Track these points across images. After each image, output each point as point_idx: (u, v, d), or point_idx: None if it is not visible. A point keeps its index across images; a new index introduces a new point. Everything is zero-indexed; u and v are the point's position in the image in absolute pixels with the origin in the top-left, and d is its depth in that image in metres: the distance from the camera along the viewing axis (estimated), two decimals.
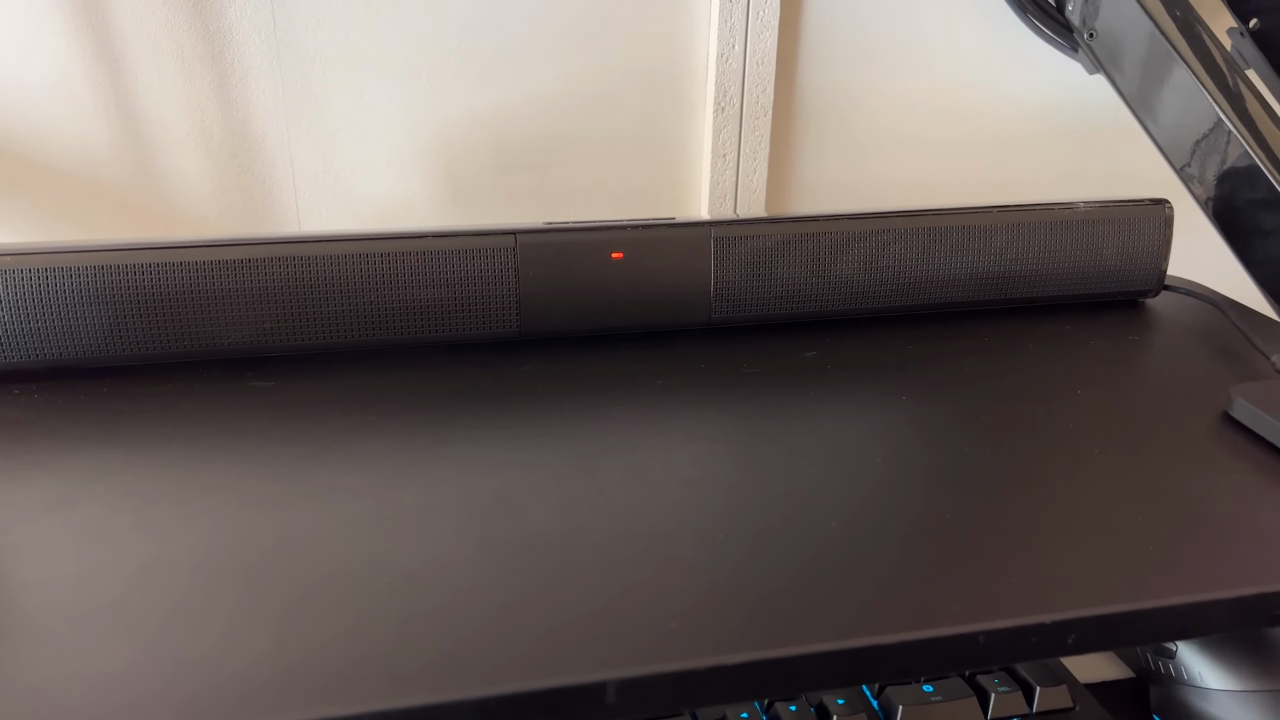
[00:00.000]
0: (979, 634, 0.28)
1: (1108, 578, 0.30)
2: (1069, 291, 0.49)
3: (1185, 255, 0.62)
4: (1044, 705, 0.40)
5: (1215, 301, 0.50)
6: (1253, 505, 0.34)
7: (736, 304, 0.46)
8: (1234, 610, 0.30)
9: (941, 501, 0.34)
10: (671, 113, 0.61)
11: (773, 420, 0.39)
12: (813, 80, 0.62)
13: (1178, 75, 0.54)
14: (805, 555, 0.31)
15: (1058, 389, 0.42)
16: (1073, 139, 0.67)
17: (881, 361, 0.44)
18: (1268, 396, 0.38)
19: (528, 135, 0.59)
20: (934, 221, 0.47)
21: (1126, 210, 0.49)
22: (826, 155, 0.65)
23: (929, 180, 0.66)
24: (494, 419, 0.38)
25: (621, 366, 0.43)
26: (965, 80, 0.64)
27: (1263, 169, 0.51)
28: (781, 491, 0.34)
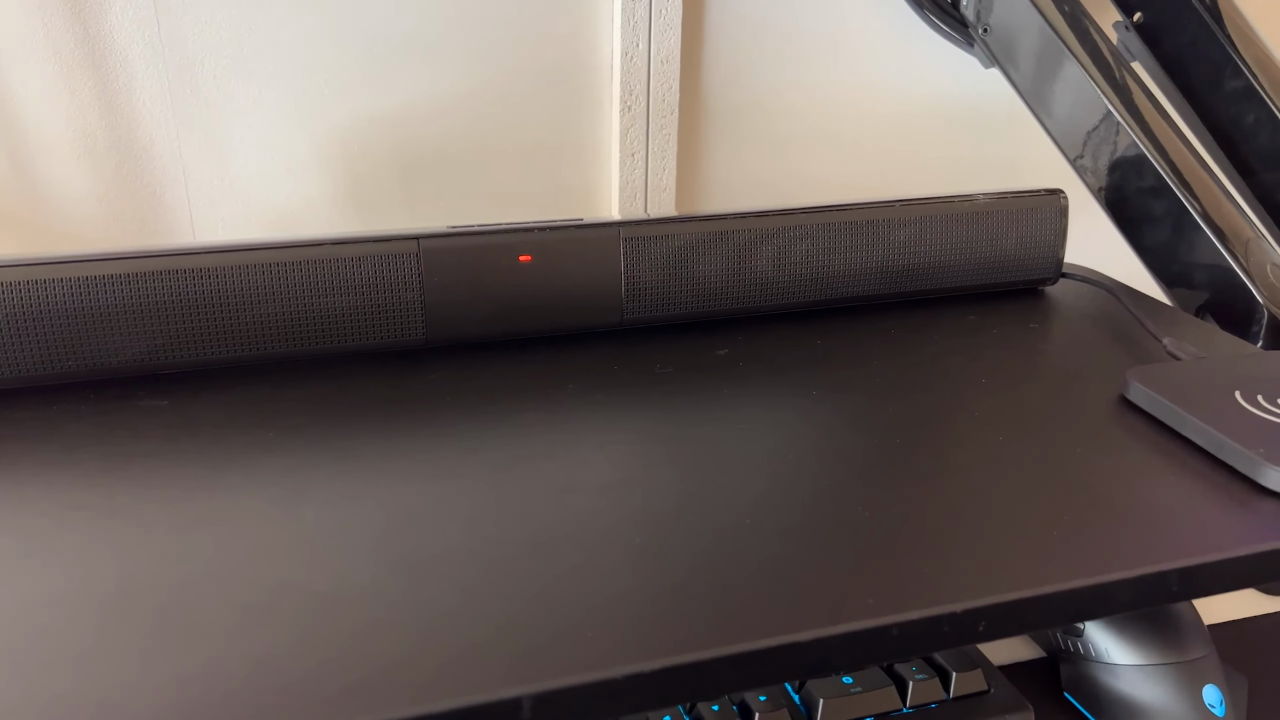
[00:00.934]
0: (892, 627, 0.29)
1: (1015, 564, 0.31)
2: (972, 282, 0.50)
3: (1082, 243, 0.64)
4: (960, 690, 0.41)
5: (1110, 288, 0.51)
6: (1149, 485, 0.35)
7: (648, 304, 0.46)
8: (1135, 589, 0.31)
9: (853, 495, 0.34)
10: (578, 112, 0.60)
11: (687, 420, 0.39)
12: (718, 78, 0.63)
13: (1068, 69, 0.55)
14: (721, 556, 0.31)
15: (962, 378, 0.43)
16: (972, 131, 0.69)
17: (793, 357, 0.44)
18: (1161, 379, 0.40)
19: (431, 137, 0.58)
20: (840, 217, 0.48)
21: (1024, 201, 0.50)
22: (735, 152, 0.65)
23: (835, 175, 0.67)
24: (402, 431, 0.37)
25: (533, 371, 0.42)
26: (867, 75, 0.65)
27: (1150, 158, 0.53)
28: (697, 492, 0.34)
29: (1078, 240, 0.64)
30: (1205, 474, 0.36)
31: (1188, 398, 0.38)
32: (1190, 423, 0.37)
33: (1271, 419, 0.37)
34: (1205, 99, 0.61)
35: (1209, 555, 0.32)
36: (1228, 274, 0.51)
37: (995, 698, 0.41)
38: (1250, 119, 0.60)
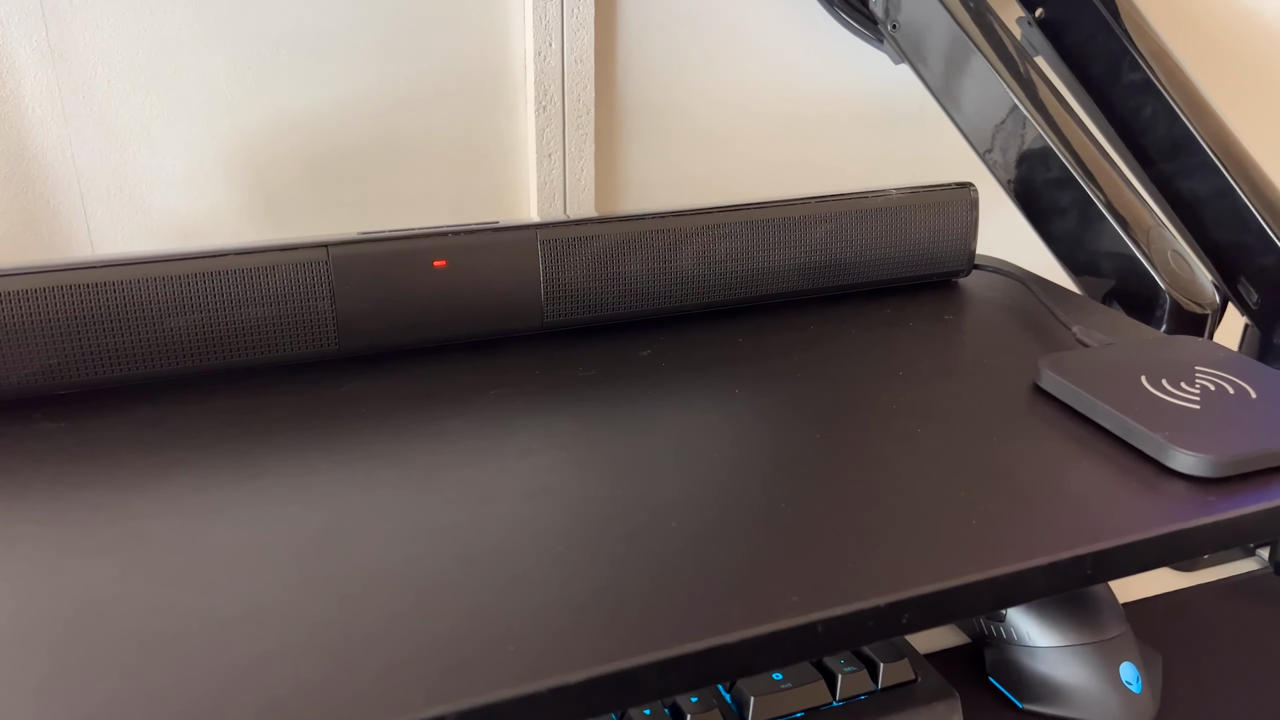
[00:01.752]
0: (818, 623, 0.29)
1: (936, 555, 0.31)
2: (887, 276, 0.51)
3: (994, 235, 0.65)
4: (888, 680, 0.41)
5: (1021, 278, 0.52)
6: (1062, 471, 0.36)
7: (569, 306, 0.45)
8: (1052, 575, 0.32)
9: (777, 492, 0.34)
10: (492, 113, 0.59)
11: (611, 423, 0.38)
12: (634, 77, 0.62)
13: (974, 65, 0.57)
14: (647, 561, 0.30)
15: (881, 371, 0.43)
16: (884, 126, 0.70)
17: (715, 356, 0.44)
18: (1071, 366, 0.41)
19: (340, 141, 0.57)
20: (759, 215, 0.48)
21: (935, 195, 0.51)
22: (653, 151, 0.65)
23: (752, 172, 0.67)
24: (315, 445, 0.36)
25: (452, 379, 0.41)
26: (781, 72, 0.66)
27: (1055, 150, 0.54)
28: (622, 497, 0.34)
29: (990, 232, 0.65)
30: (1115, 458, 0.36)
31: (1096, 384, 0.39)
32: (1100, 408, 0.38)
33: (1176, 402, 0.38)
34: (1105, 92, 0.63)
35: (1121, 538, 0.32)
36: (1131, 262, 0.52)
37: (922, 687, 0.41)
38: (1148, 111, 0.61)
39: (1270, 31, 0.77)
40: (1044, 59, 0.65)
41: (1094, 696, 0.44)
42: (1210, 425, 0.36)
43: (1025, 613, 0.45)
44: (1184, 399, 0.38)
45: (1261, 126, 0.69)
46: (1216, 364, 0.41)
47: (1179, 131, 0.60)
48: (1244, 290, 0.62)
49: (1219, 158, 0.60)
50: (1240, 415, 0.37)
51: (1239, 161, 0.60)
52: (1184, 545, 0.34)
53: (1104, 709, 0.43)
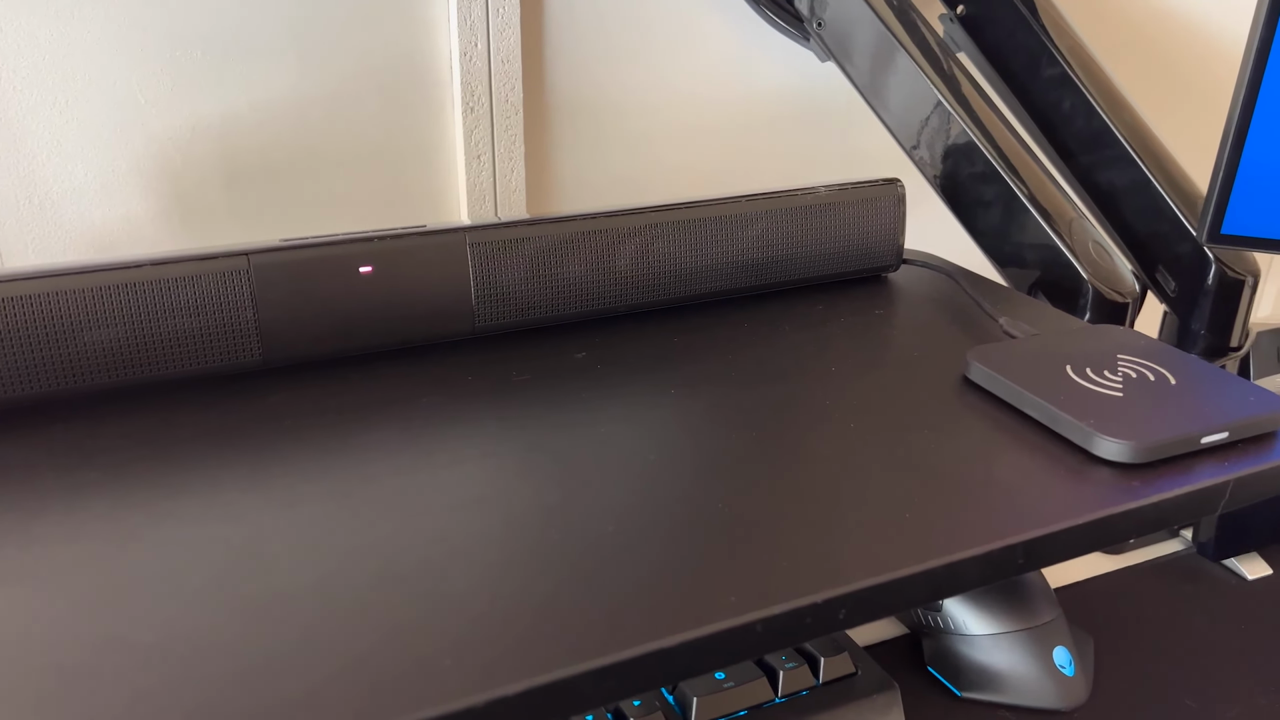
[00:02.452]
0: (756, 623, 0.29)
1: (871, 549, 0.31)
2: (819, 272, 0.51)
3: (923, 230, 0.66)
4: (830, 674, 0.42)
5: (948, 271, 0.53)
6: (992, 462, 0.36)
7: (501, 310, 0.44)
8: (985, 565, 0.32)
9: (713, 492, 0.34)
10: (418, 115, 0.58)
11: (546, 428, 0.38)
12: (563, 77, 0.62)
13: (900, 62, 0.57)
14: (583, 567, 0.30)
15: (814, 368, 0.43)
16: (811, 123, 0.71)
17: (650, 356, 0.44)
18: (998, 358, 0.41)
19: (261, 145, 0.55)
20: (691, 215, 0.48)
21: (864, 191, 0.51)
22: (584, 151, 0.64)
23: (682, 171, 0.67)
24: (238, 460, 0.35)
25: (381, 388, 0.40)
26: (709, 71, 0.66)
27: (979, 145, 0.55)
28: (557, 503, 0.33)
29: (919, 227, 0.66)
30: (1043, 447, 0.37)
31: (1023, 375, 0.40)
32: (1027, 399, 0.39)
33: (1100, 390, 0.39)
34: (1026, 86, 0.64)
35: (1050, 526, 0.33)
36: (1054, 253, 0.53)
37: (863, 679, 0.42)
38: (1067, 105, 0.63)
39: (1181, 26, 0.79)
40: (966, 55, 0.66)
41: (1029, 682, 0.44)
42: (1133, 412, 0.37)
43: (961, 602, 0.45)
44: (1107, 387, 0.39)
45: (1175, 119, 0.71)
46: (1137, 352, 0.42)
47: (1097, 125, 0.62)
48: (1162, 278, 0.63)
49: (1135, 150, 0.61)
50: (1161, 401, 0.38)
51: (1154, 154, 0.62)
52: (1111, 531, 0.34)
53: (1039, 693, 0.44)
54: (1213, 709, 0.46)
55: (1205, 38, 0.80)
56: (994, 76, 0.65)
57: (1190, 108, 0.80)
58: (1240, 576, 0.56)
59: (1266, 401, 0.38)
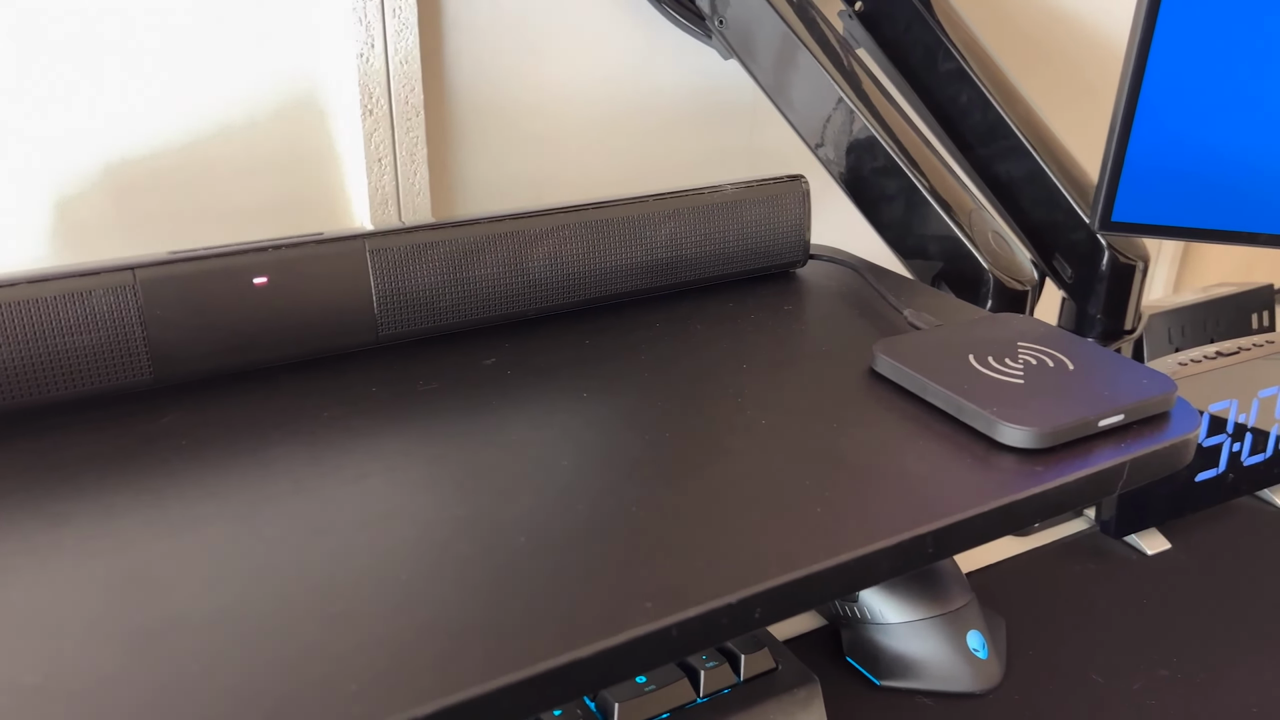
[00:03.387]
0: (672, 628, 0.28)
1: (784, 546, 0.31)
2: (728, 270, 0.51)
3: (830, 224, 0.67)
4: (750, 671, 0.42)
5: (854, 265, 0.54)
6: (900, 453, 0.37)
7: (405, 318, 0.43)
8: (896, 556, 0.32)
9: (628, 496, 0.34)
10: (315, 119, 0.57)
11: (454, 438, 0.37)
12: (464, 77, 0.61)
13: (801, 60, 0.58)
14: (495, 580, 0.29)
15: (725, 365, 0.43)
16: (717, 120, 0.71)
17: (562, 359, 0.44)
18: (903, 349, 0.42)
19: (148, 153, 0.53)
20: (598, 215, 0.47)
21: (769, 189, 0.51)
22: (489, 152, 0.63)
23: (589, 171, 0.67)
24: (129, 484, 0.33)
25: (280, 403, 0.39)
26: (615, 70, 0.65)
27: (881, 141, 0.56)
28: (467, 515, 0.32)
29: (827, 222, 0.67)
30: (949, 436, 0.38)
31: (928, 365, 0.40)
32: (932, 389, 0.39)
33: (1002, 378, 0.39)
34: (923, 81, 0.65)
35: (958, 515, 0.33)
36: (956, 244, 0.54)
37: (783, 674, 0.42)
38: (964, 98, 0.64)
39: (1069, 20, 0.82)
40: (865, 51, 0.67)
41: (944, 667, 0.45)
42: (1034, 398, 0.38)
43: (877, 592, 0.46)
44: (1009, 375, 0.40)
45: (1066, 111, 0.73)
46: (1037, 339, 0.43)
47: (992, 117, 0.63)
48: (1059, 266, 0.65)
49: (1030, 142, 0.63)
50: (1060, 387, 0.39)
51: (1048, 145, 0.64)
52: (1016, 516, 0.35)
53: (954, 678, 0.45)
54: (1118, 683, 0.48)
55: (1092, 31, 0.83)
56: (893, 72, 0.66)
57: (1080, 99, 0.83)
58: (1141, 552, 0.58)
59: (1158, 383, 0.39)
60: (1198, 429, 0.39)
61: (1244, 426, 0.59)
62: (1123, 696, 0.47)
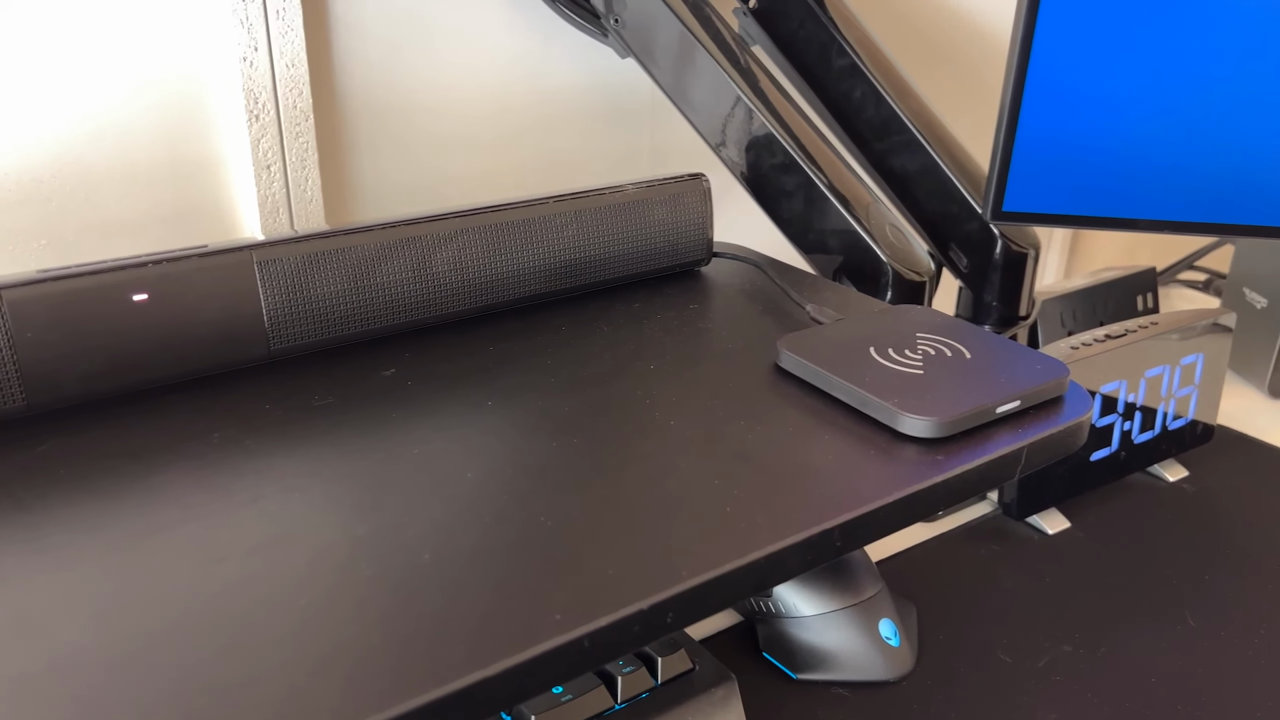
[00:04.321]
0: (583, 639, 0.28)
1: (694, 548, 0.31)
2: (632, 270, 0.51)
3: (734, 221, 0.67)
4: (668, 673, 0.41)
5: (757, 262, 0.54)
6: (806, 449, 0.37)
7: (298, 331, 0.42)
8: (804, 551, 0.33)
9: (536, 506, 0.33)
10: (198, 126, 0.54)
11: (353, 454, 0.36)
12: (356, 79, 0.59)
13: (699, 59, 0.58)
14: (399, 600, 0.28)
15: (633, 367, 0.43)
16: (618, 119, 0.70)
17: (464, 368, 0.43)
18: (806, 345, 0.42)
19: (17, 165, 0.50)
20: (497, 218, 0.46)
21: (670, 188, 0.51)
22: (384, 156, 0.62)
23: (489, 173, 0.66)
24: (3, 521, 0.31)
25: (167, 425, 0.37)
26: (511, 70, 0.64)
27: (779, 137, 0.56)
28: (369, 535, 0.31)
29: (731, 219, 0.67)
30: (853, 429, 0.38)
31: (830, 359, 0.41)
32: (835, 382, 0.40)
33: (902, 369, 0.40)
34: (818, 77, 0.66)
35: (864, 507, 0.34)
36: (855, 238, 0.55)
37: (700, 674, 0.42)
38: (858, 94, 0.65)
39: (960, 16, 0.84)
40: (761, 48, 0.67)
41: (858, 657, 0.46)
42: (933, 388, 0.39)
43: (790, 585, 0.46)
44: (909, 366, 0.40)
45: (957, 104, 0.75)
46: (934, 329, 0.44)
47: (886, 112, 0.64)
48: (955, 256, 0.67)
49: (923, 135, 0.64)
50: (958, 376, 0.40)
51: (940, 138, 0.65)
52: (920, 506, 0.35)
53: (868, 667, 0.46)
54: (1025, 662, 0.49)
55: (981, 26, 0.85)
56: (788, 68, 0.67)
57: (970, 94, 0.85)
58: (1042, 532, 0.60)
59: (1052, 369, 0.40)
60: (1090, 411, 0.40)
61: (1133, 406, 0.62)
62: (1030, 674, 0.48)
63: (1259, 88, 0.60)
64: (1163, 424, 0.64)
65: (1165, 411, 0.64)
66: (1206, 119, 0.61)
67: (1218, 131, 0.61)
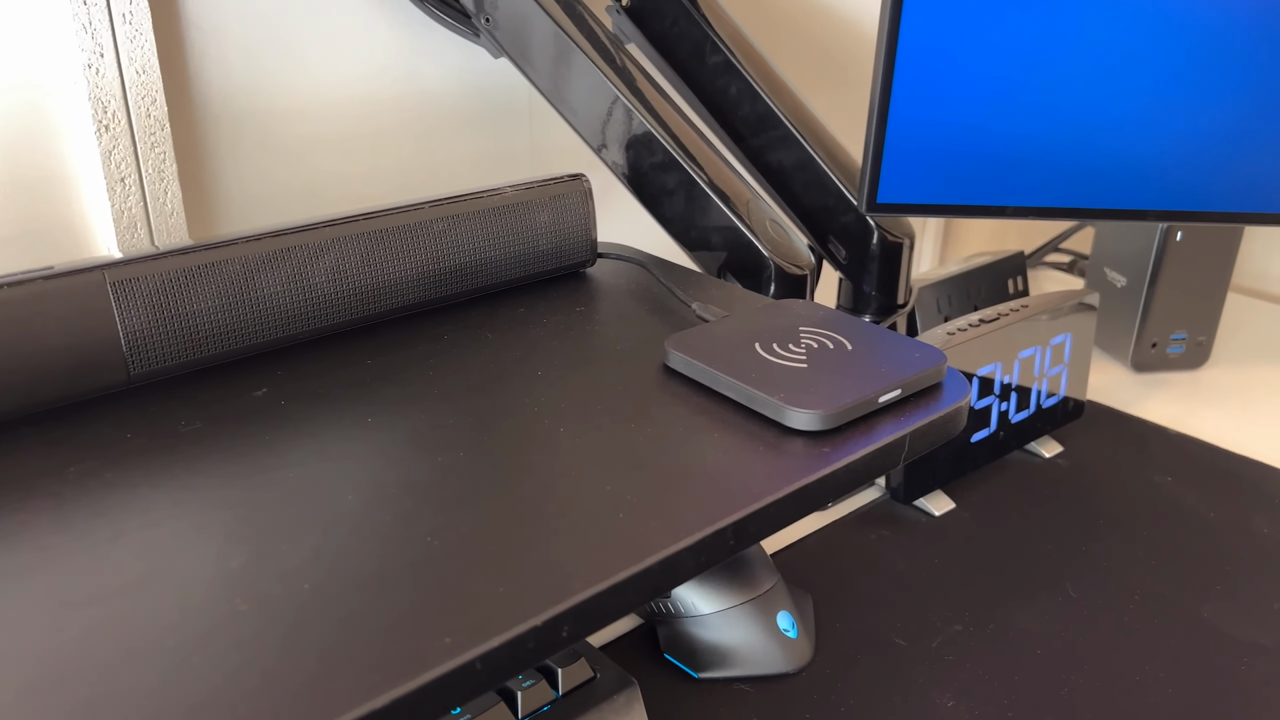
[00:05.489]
0: (475, 661, 0.27)
1: (588, 557, 0.31)
2: (516, 274, 0.50)
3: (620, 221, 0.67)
4: (568, 684, 0.41)
5: (641, 261, 0.54)
6: (697, 448, 0.37)
7: (160, 353, 0.40)
8: (698, 553, 0.32)
9: (422, 525, 0.32)
10: (41, 138, 0.51)
11: (225, 481, 0.34)
12: (215, 85, 0.56)
13: (575, 59, 0.57)
14: (279, 635, 0.27)
15: (519, 373, 0.42)
16: (494, 121, 0.69)
17: (343, 383, 0.41)
18: (693, 343, 0.42)
19: None
20: (371, 225, 0.45)
21: (550, 189, 0.51)
22: (250, 164, 0.59)
23: (361, 180, 0.64)
24: None
25: (19, 461, 0.35)
26: (378, 71, 0.63)
27: (658, 136, 0.56)
28: (243, 568, 0.30)
29: (619, 220, 0.67)
30: (742, 426, 0.38)
31: (717, 357, 0.41)
32: (722, 380, 0.40)
33: (787, 364, 0.40)
34: (694, 74, 0.66)
35: (754, 504, 0.34)
36: (736, 234, 0.55)
37: (601, 682, 0.41)
38: (733, 90, 0.66)
39: (830, 12, 0.85)
40: (636, 46, 0.67)
41: (757, 651, 0.46)
42: (817, 382, 0.39)
43: (687, 584, 0.46)
44: (793, 360, 0.41)
45: (832, 100, 0.77)
46: (816, 322, 0.44)
47: (761, 108, 0.65)
48: (834, 248, 0.68)
49: (798, 130, 0.65)
50: (841, 368, 0.40)
51: (815, 133, 0.66)
52: (809, 498, 0.36)
53: (768, 661, 0.46)
54: (919, 644, 0.50)
55: (851, 22, 0.87)
56: (664, 66, 0.67)
57: (843, 89, 0.87)
58: (929, 514, 0.61)
59: (930, 356, 0.41)
60: (968, 396, 0.41)
61: (1009, 387, 0.64)
62: (924, 655, 0.50)
63: (1110, 79, 0.63)
64: (1037, 403, 0.67)
65: (1039, 390, 0.66)
66: (1065, 110, 0.63)
67: (1075, 122, 0.64)
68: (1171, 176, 0.66)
